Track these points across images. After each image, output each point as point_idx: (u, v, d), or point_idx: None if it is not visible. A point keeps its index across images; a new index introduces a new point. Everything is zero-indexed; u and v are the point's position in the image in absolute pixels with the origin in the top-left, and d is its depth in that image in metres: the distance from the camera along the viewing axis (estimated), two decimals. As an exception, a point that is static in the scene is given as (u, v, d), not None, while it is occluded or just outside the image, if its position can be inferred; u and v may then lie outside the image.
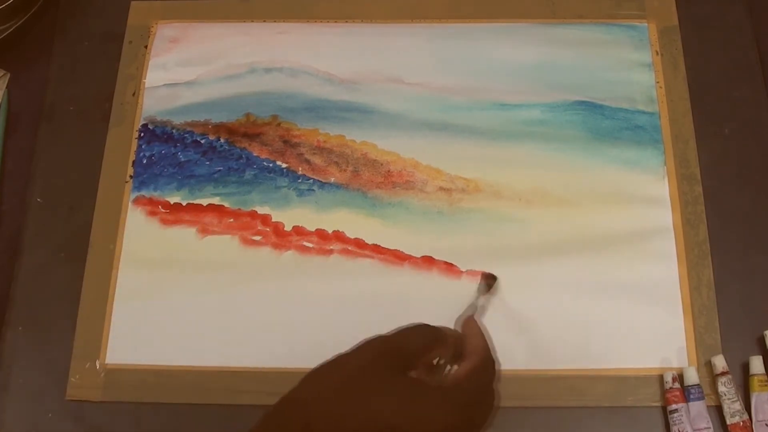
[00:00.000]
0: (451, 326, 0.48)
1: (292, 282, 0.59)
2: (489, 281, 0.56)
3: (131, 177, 0.63)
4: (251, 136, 0.64)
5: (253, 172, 0.63)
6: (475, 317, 0.48)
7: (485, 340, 0.43)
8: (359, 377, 0.37)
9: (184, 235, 0.61)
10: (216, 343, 0.57)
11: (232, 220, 0.61)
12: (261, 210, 0.61)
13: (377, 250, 0.59)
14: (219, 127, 0.64)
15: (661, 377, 0.55)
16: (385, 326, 0.57)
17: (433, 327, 0.42)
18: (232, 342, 0.57)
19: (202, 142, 0.64)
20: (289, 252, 0.60)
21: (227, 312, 0.58)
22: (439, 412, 0.37)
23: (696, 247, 0.59)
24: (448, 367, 0.42)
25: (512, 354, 0.56)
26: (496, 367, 0.43)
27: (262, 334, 0.57)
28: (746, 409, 0.53)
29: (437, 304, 0.57)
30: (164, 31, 0.68)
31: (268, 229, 0.61)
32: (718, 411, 0.54)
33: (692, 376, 0.54)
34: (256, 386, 0.56)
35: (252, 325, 0.58)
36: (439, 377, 0.42)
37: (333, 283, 0.58)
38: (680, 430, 0.52)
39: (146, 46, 0.67)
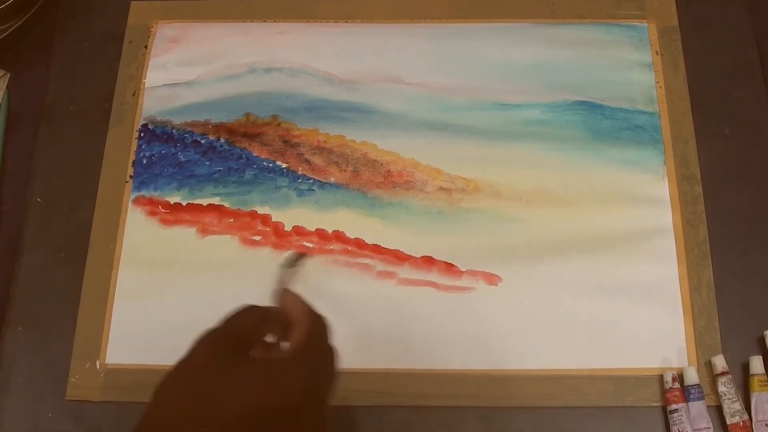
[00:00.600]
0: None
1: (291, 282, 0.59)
2: (296, 257, 0.55)
3: (131, 177, 0.63)
4: (251, 136, 0.64)
5: (253, 172, 0.63)
6: (287, 289, 0.48)
7: (306, 304, 0.43)
8: (203, 373, 0.37)
9: (184, 235, 0.61)
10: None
11: (232, 220, 0.61)
12: (261, 210, 0.61)
13: (377, 250, 0.59)
14: (219, 127, 0.64)
15: (661, 377, 0.55)
16: (385, 326, 0.57)
17: (257, 306, 0.42)
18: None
19: (202, 142, 0.64)
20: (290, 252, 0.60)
21: (227, 312, 0.58)
22: (293, 380, 0.37)
23: (696, 247, 0.59)
24: (282, 342, 0.43)
25: (512, 354, 0.56)
26: (327, 324, 0.43)
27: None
28: (746, 409, 0.53)
29: (438, 303, 0.58)
30: (164, 31, 0.68)
31: (268, 229, 0.61)
32: (718, 411, 0.54)
33: (692, 376, 0.54)
34: (256, 386, 0.56)
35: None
36: (277, 352, 0.42)
37: (333, 283, 0.58)
38: (680, 430, 0.52)
39: (146, 46, 0.67)
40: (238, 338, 0.40)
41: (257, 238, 0.60)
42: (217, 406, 0.35)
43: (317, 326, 0.42)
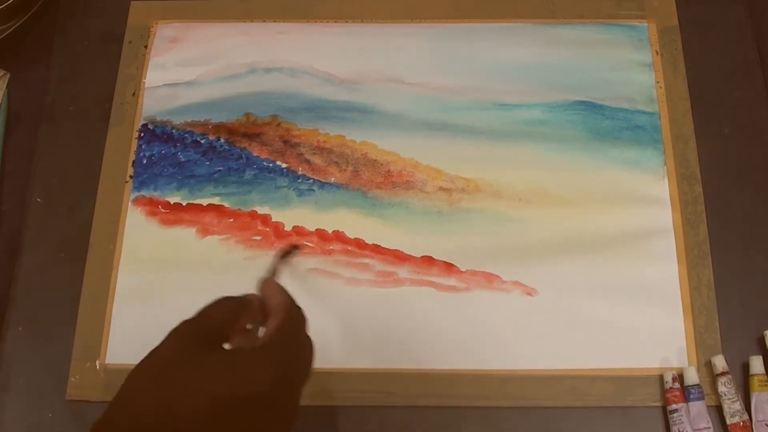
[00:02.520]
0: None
1: (292, 282, 0.59)
2: (290, 250, 0.56)
3: (131, 177, 0.63)
4: (251, 136, 0.64)
5: (253, 172, 0.63)
6: (273, 278, 0.48)
7: (286, 294, 0.43)
8: (174, 363, 0.37)
9: (184, 235, 0.61)
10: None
11: (232, 220, 0.61)
12: (261, 210, 0.61)
13: (377, 250, 0.59)
14: (219, 127, 0.64)
15: (661, 377, 0.55)
16: (385, 326, 0.57)
17: (235, 296, 0.42)
18: (232, 342, 0.57)
19: (202, 142, 0.64)
20: (289, 252, 0.60)
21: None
22: (260, 370, 0.37)
23: (696, 247, 0.59)
24: (259, 329, 0.43)
25: (512, 354, 0.56)
26: (304, 315, 0.43)
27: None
28: (746, 409, 0.53)
29: (438, 303, 0.58)
30: (164, 31, 0.68)
31: (268, 229, 0.61)
32: (718, 411, 0.54)
33: (692, 376, 0.54)
34: (256, 386, 0.56)
35: (252, 325, 0.58)
36: (253, 341, 0.42)
37: (334, 283, 0.59)
38: (680, 430, 0.52)
39: (146, 46, 0.67)
40: (211, 330, 0.39)
41: (257, 238, 0.60)
42: (184, 396, 0.35)
43: (292, 317, 0.42)
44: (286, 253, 0.56)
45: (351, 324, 0.57)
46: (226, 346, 0.41)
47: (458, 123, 0.63)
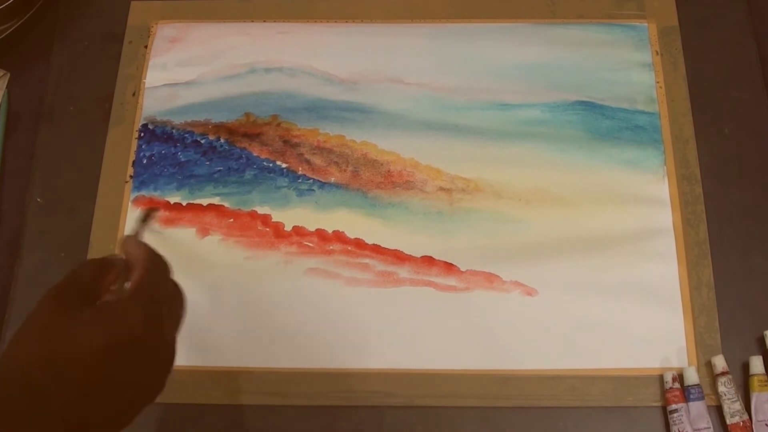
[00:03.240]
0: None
1: (292, 282, 0.59)
2: (148, 213, 0.56)
3: (131, 177, 0.63)
4: (251, 136, 0.64)
5: (253, 172, 0.63)
6: (133, 236, 0.49)
7: (145, 246, 0.45)
8: (49, 322, 0.38)
9: (184, 235, 0.61)
10: (215, 343, 0.57)
11: (232, 220, 0.61)
12: (261, 210, 0.61)
13: (377, 250, 0.59)
14: (219, 127, 0.64)
15: (661, 377, 0.55)
16: (384, 326, 0.57)
17: (99, 258, 0.44)
18: (232, 342, 0.57)
19: (202, 142, 0.64)
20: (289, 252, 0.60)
21: (227, 312, 0.58)
22: (129, 316, 0.39)
23: (696, 247, 0.59)
24: (126, 285, 0.44)
25: (512, 354, 0.56)
26: (167, 263, 0.44)
27: (262, 334, 0.57)
28: (746, 409, 0.53)
29: (438, 303, 0.58)
30: (164, 31, 0.68)
31: (268, 229, 0.61)
32: (718, 411, 0.54)
33: (692, 376, 0.54)
34: (256, 386, 0.56)
35: (251, 324, 0.58)
36: (121, 296, 0.43)
37: (334, 283, 0.59)
38: (680, 430, 0.52)
39: (146, 46, 0.67)
40: (78, 289, 0.41)
41: (257, 238, 0.60)
42: (63, 349, 0.37)
43: (154, 265, 0.43)
44: (146, 216, 0.55)
45: (351, 324, 0.57)
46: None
47: (458, 123, 0.63)
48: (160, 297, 0.42)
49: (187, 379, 0.56)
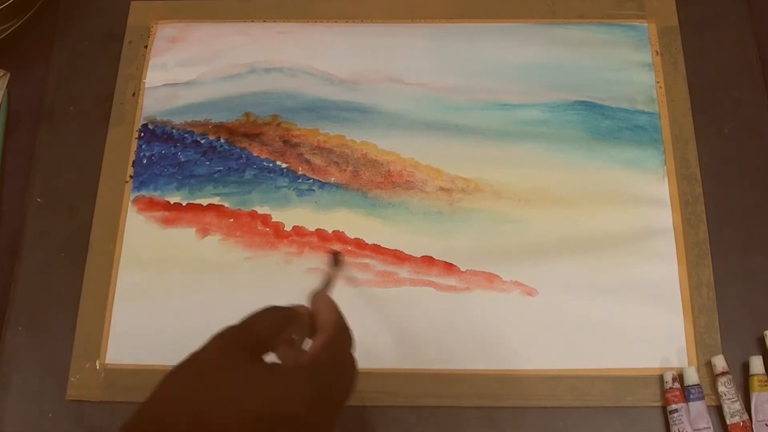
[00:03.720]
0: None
1: (292, 282, 0.59)
2: (337, 257, 0.55)
3: (131, 177, 0.63)
4: (251, 136, 0.64)
5: (253, 172, 0.63)
6: (326, 292, 0.47)
7: (337, 312, 0.42)
8: (213, 370, 0.36)
9: (184, 235, 0.61)
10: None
11: (232, 220, 0.61)
12: (261, 210, 0.61)
13: (377, 250, 0.59)
14: (219, 127, 0.64)
15: (661, 377, 0.55)
16: (385, 327, 0.57)
17: (283, 307, 0.41)
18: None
19: (202, 142, 0.64)
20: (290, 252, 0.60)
21: (227, 312, 0.58)
22: (299, 390, 0.36)
23: (696, 247, 0.59)
24: (305, 340, 0.41)
25: (512, 354, 0.56)
26: (351, 336, 0.42)
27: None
28: (746, 409, 0.53)
29: (438, 303, 0.58)
30: (164, 31, 0.68)
31: (268, 230, 0.61)
32: (718, 411, 0.54)
33: (692, 376, 0.54)
34: (256, 386, 0.56)
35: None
36: (296, 355, 0.41)
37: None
38: (680, 430, 0.52)
39: (146, 46, 0.67)
40: (255, 339, 0.39)
41: (257, 238, 0.60)
42: (218, 408, 0.34)
43: (340, 337, 0.41)
44: (336, 262, 0.55)
45: (351, 324, 0.57)
46: (270, 357, 0.40)
47: (458, 123, 0.63)
48: (335, 373, 0.39)
49: (187, 379, 0.56)
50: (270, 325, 0.40)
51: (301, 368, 0.38)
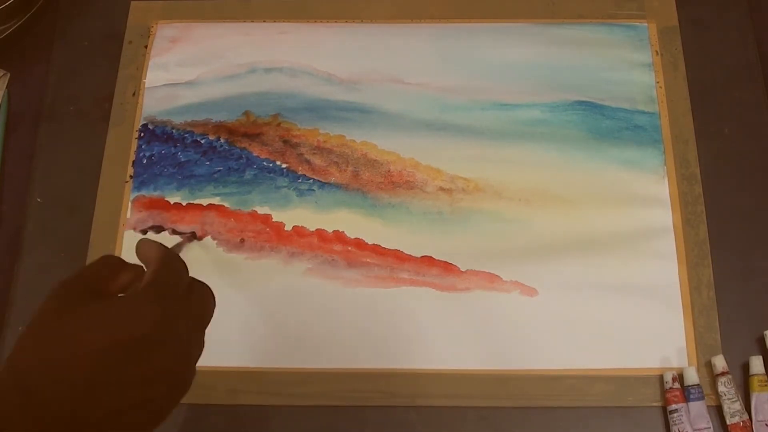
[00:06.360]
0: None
1: (292, 282, 0.59)
2: (186, 239, 0.56)
3: (131, 177, 0.63)
4: (251, 136, 0.64)
5: (253, 172, 0.63)
6: (147, 239, 0.47)
7: (158, 247, 0.43)
8: (52, 318, 0.36)
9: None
10: (216, 343, 0.57)
11: (232, 220, 0.61)
12: (261, 210, 0.61)
13: (377, 250, 0.59)
14: (219, 127, 0.64)
15: (661, 377, 0.55)
16: (385, 326, 0.57)
17: (117, 257, 0.42)
18: (232, 342, 0.57)
19: (202, 142, 0.64)
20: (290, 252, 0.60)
21: (227, 312, 0.58)
22: (138, 312, 0.37)
23: (696, 247, 0.59)
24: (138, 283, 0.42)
25: (512, 354, 0.56)
26: (183, 262, 0.43)
27: (262, 334, 0.57)
28: (746, 409, 0.53)
29: (437, 303, 0.58)
30: (164, 31, 0.68)
31: (268, 230, 0.61)
32: (718, 411, 0.54)
33: (692, 376, 0.54)
34: (256, 386, 0.56)
35: (251, 324, 0.58)
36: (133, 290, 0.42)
37: (333, 283, 0.59)
38: (680, 430, 0.52)
39: (146, 46, 0.67)
40: (89, 284, 0.39)
41: (257, 238, 0.60)
42: (64, 348, 0.35)
43: (169, 262, 0.42)
44: (190, 240, 0.55)
45: (351, 324, 0.57)
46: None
47: (458, 123, 0.63)
48: (174, 294, 0.40)
49: (187, 379, 0.56)
50: (103, 271, 0.40)
51: (136, 293, 0.38)
